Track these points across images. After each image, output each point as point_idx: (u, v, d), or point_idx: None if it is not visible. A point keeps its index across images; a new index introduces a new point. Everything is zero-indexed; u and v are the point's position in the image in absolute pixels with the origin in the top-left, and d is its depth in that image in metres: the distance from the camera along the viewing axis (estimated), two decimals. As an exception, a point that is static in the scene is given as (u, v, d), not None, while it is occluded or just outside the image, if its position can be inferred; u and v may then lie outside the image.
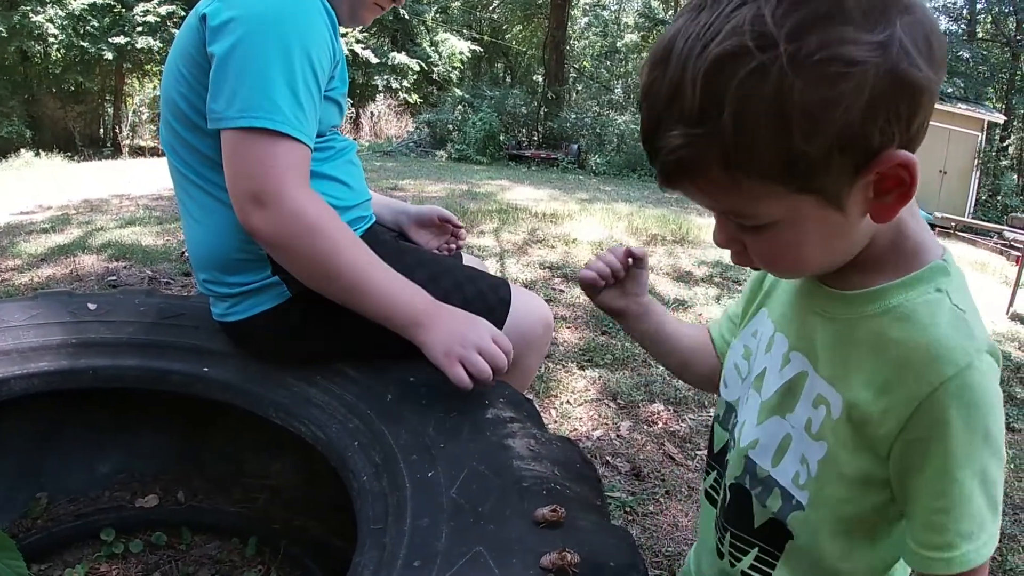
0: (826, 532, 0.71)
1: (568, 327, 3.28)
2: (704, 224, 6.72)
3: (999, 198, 17.75)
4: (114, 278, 3.56)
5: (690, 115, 0.55)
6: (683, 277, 4.38)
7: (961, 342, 0.62)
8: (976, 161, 17.31)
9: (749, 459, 0.78)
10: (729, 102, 0.53)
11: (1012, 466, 2.44)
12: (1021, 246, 7.64)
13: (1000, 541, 2.00)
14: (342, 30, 1.41)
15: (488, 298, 1.42)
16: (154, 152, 17.31)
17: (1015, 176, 19.79)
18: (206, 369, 1.39)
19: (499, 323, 1.40)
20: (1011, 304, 4.94)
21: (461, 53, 23.22)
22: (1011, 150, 21.20)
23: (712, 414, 2.47)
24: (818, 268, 0.68)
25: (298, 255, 1.18)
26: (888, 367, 0.64)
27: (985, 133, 17.65)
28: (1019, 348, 3.88)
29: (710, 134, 0.54)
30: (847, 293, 0.69)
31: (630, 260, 0.96)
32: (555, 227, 5.68)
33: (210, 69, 1.19)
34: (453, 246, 1.83)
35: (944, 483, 0.62)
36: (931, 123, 0.58)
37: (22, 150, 15.51)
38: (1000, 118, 18.38)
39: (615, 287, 0.98)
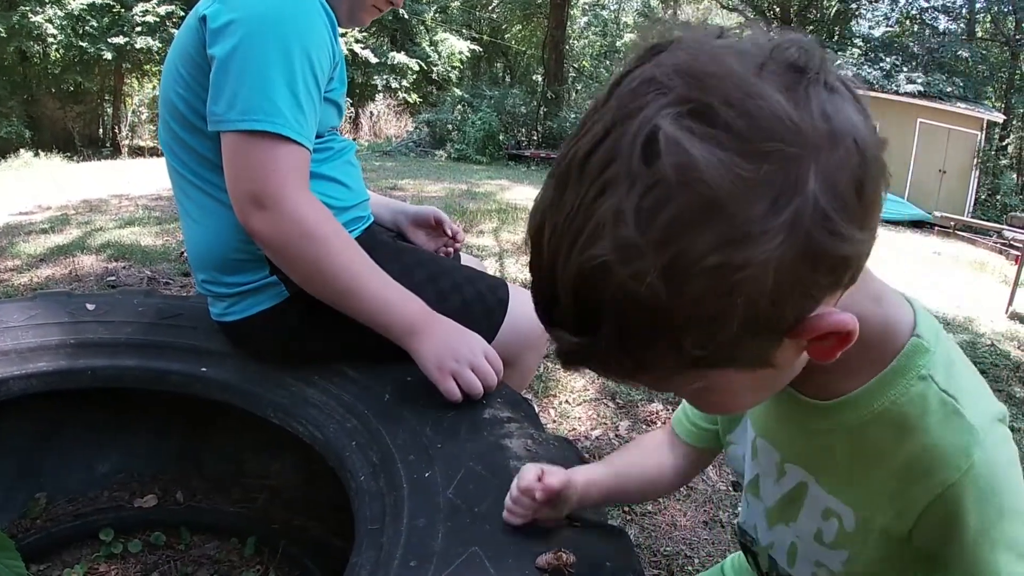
0: None
1: (567, 327, 3.28)
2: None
3: (998, 197, 17.78)
4: (113, 278, 3.56)
5: (570, 324, 0.49)
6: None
7: (958, 441, 0.58)
8: (975, 160, 17.33)
9: (771, 558, 0.78)
10: (605, 316, 0.47)
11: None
12: (1020, 245, 7.63)
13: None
14: (341, 31, 1.41)
15: (487, 299, 1.42)
16: (153, 152, 17.31)
17: (1014, 175, 19.83)
18: (204, 369, 1.39)
19: (497, 324, 1.41)
20: (1010, 303, 4.95)
21: (460, 53, 23.22)
22: (1010, 149, 21.23)
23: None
24: (759, 402, 0.64)
25: (295, 258, 1.19)
26: (892, 478, 0.61)
27: (984, 132, 17.67)
28: (1018, 347, 3.88)
29: (594, 344, 0.48)
30: (821, 404, 0.64)
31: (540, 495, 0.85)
32: (554, 227, 5.67)
33: (210, 71, 1.19)
34: (451, 250, 1.82)
35: (975, 570, 0.59)
36: (931, 123, 0.53)
37: (21, 150, 15.51)
38: (999, 117, 18.40)
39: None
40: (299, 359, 1.38)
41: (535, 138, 18.94)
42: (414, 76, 22.03)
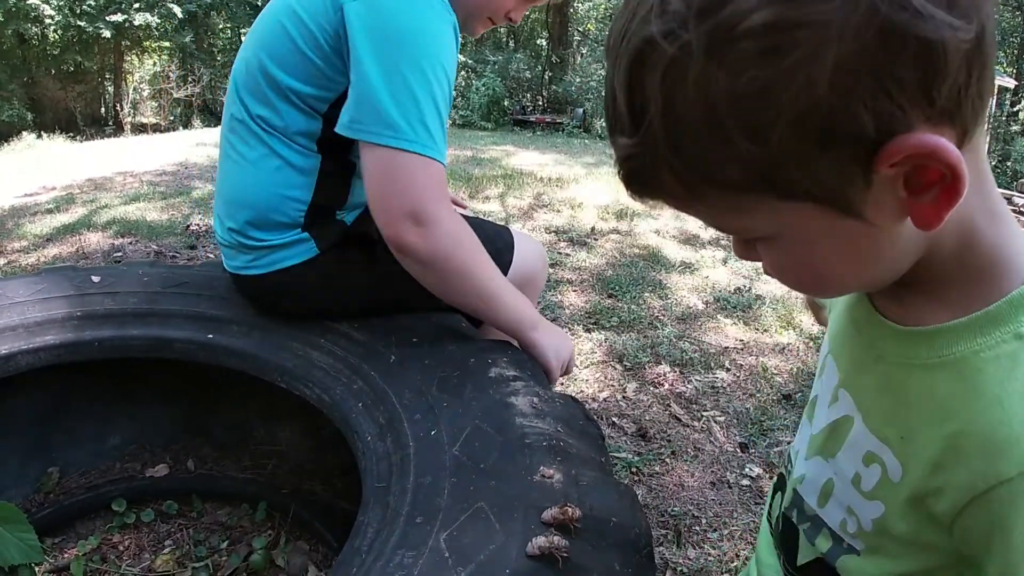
0: None
1: (574, 290, 3.27)
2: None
3: (1009, 164, 17.53)
4: (120, 254, 3.57)
5: (624, 123, 0.46)
6: (690, 240, 4.36)
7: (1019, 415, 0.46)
8: (986, 126, 17.10)
9: (797, 493, 0.68)
10: (652, 106, 0.43)
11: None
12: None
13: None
14: None
15: (496, 242, 1.48)
16: (156, 128, 17.27)
17: (1026, 141, 19.56)
18: (211, 336, 1.39)
19: (508, 263, 1.49)
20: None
21: (462, 19, 22.95)
22: (1022, 115, 20.89)
23: (718, 376, 2.48)
24: (856, 287, 0.55)
25: (449, 271, 1.23)
26: (940, 443, 0.50)
27: (995, 98, 17.38)
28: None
29: (645, 143, 0.45)
30: (899, 328, 0.55)
31: None
32: (561, 191, 5.64)
33: (331, 56, 1.21)
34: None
35: None
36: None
37: (24, 133, 15.50)
38: (1011, 83, 18.10)
39: None
40: (313, 316, 1.40)
41: (540, 103, 18.79)
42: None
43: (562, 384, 2.39)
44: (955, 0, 0.39)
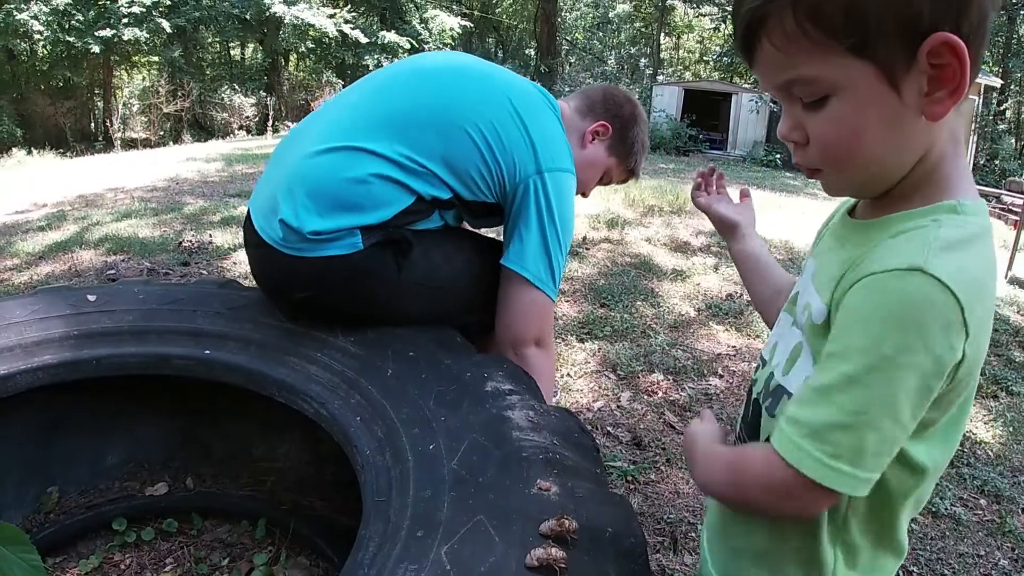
0: None
1: (567, 300, 3.29)
2: (700, 192, 6.68)
3: (997, 162, 17.66)
4: (113, 271, 3.56)
5: None
6: (681, 247, 4.39)
7: (904, 254, 0.60)
8: (973, 125, 17.20)
9: (770, 375, 0.77)
10: None
11: (1011, 429, 2.45)
12: (1019, 210, 7.62)
13: (999, 503, 2.01)
14: (330, 10, 1.47)
15: (485, 253, 1.61)
16: (146, 143, 17.25)
17: (1012, 140, 19.70)
18: (208, 351, 1.40)
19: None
20: (1009, 268, 4.94)
21: (451, 29, 23.03)
22: (1008, 114, 21.05)
23: (711, 383, 2.50)
24: (873, 164, 0.65)
25: (539, 374, 1.44)
26: (843, 270, 0.65)
27: (982, 97, 17.52)
28: (1018, 312, 3.87)
29: None
30: (863, 221, 0.70)
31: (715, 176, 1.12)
32: (551, 202, 5.66)
33: (495, 188, 1.49)
34: None
35: (823, 364, 0.62)
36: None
37: (13, 149, 15.47)
38: (997, 82, 18.24)
39: (728, 203, 1.09)
40: (328, 309, 1.44)
41: (529, 114, 18.82)
42: (405, 55, 21.87)
43: (557, 398, 2.41)
44: None
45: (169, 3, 18.28)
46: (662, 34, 24.79)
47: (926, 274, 0.57)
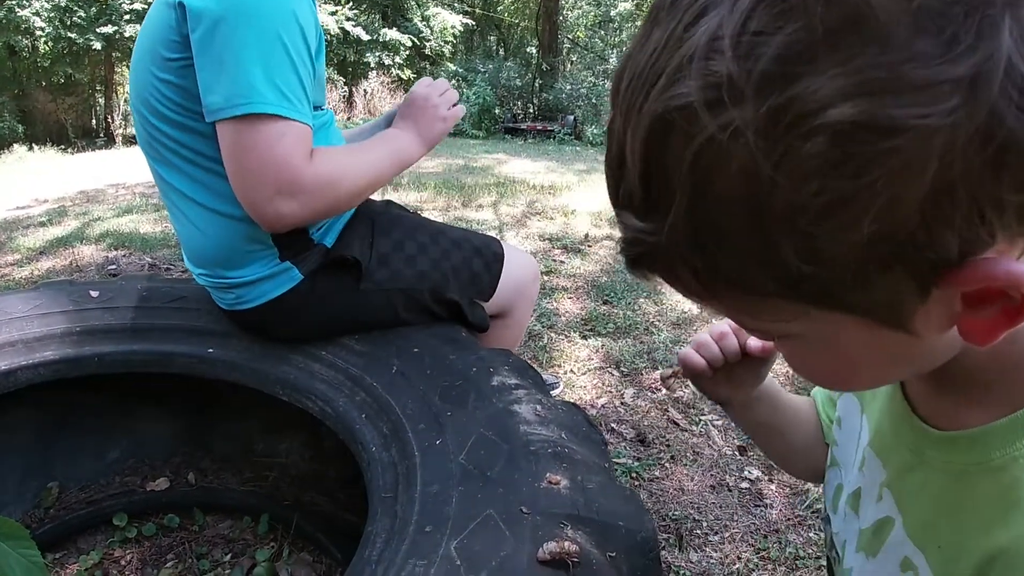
0: None
1: (569, 297, 3.28)
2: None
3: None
4: (114, 267, 3.56)
5: (635, 202, 0.37)
6: (683, 244, 4.38)
7: None
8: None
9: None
10: (677, 194, 0.34)
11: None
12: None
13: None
14: (332, 7, 1.42)
15: (485, 253, 1.50)
16: (148, 141, 17.18)
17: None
18: (211, 350, 1.39)
19: (497, 276, 1.50)
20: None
21: (453, 27, 22.99)
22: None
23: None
24: (877, 385, 0.52)
25: (329, 210, 1.26)
26: (978, 557, 0.44)
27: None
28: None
29: (660, 234, 0.36)
30: (937, 434, 0.50)
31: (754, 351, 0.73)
32: (553, 199, 5.66)
33: (193, 60, 1.13)
34: None
35: None
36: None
37: (15, 145, 15.44)
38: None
39: (721, 372, 0.75)
40: (316, 337, 1.39)
41: (531, 111, 18.81)
42: (407, 52, 21.82)
43: (560, 392, 2.40)
44: None
45: None
46: (664, 32, 24.67)
47: None
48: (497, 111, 17.17)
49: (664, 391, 2.42)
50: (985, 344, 0.37)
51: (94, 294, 1.54)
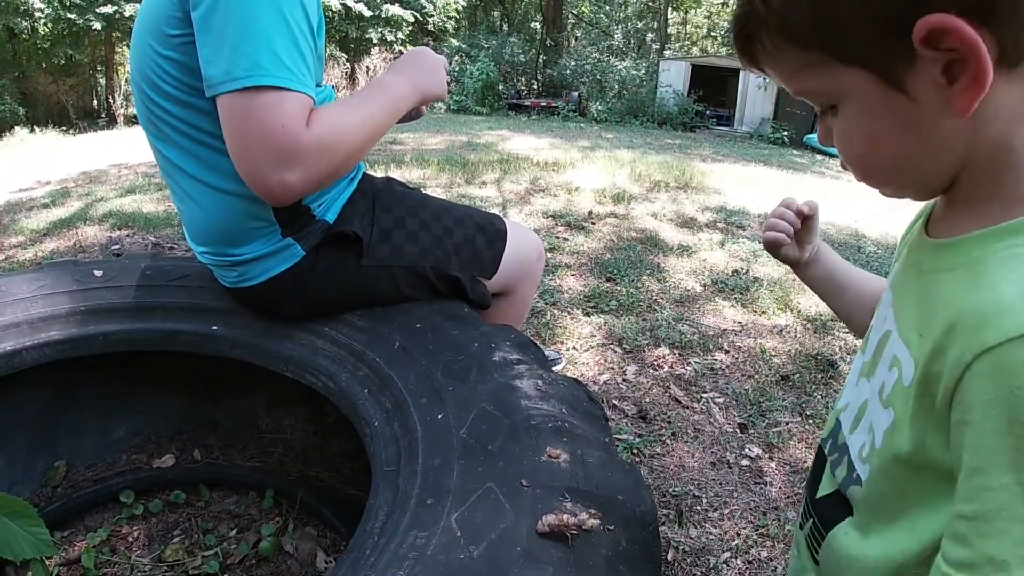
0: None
1: (572, 274, 3.28)
2: (707, 170, 6.67)
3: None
4: (117, 247, 3.57)
5: None
6: (687, 223, 4.36)
7: (1020, 304, 0.46)
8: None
9: (838, 422, 0.70)
10: None
11: None
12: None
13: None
14: None
15: (488, 231, 1.50)
16: (150, 121, 17.13)
17: None
18: (215, 327, 1.40)
19: (500, 253, 1.50)
20: None
21: (456, 2, 22.81)
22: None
23: (717, 358, 2.49)
24: (900, 170, 0.57)
25: (332, 175, 1.19)
26: (941, 327, 0.51)
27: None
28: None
29: (750, 8, 0.55)
30: (936, 241, 0.59)
31: (805, 211, 0.94)
32: (557, 176, 5.64)
33: (193, 34, 1.11)
34: None
35: (972, 484, 0.47)
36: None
37: (16, 128, 15.43)
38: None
39: (792, 242, 0.95)
40: (319, 313, 1.40)
41: (535, 87, 18.73)
42: (409, 28, 21.65)
43: (562, 369, 2.41)
44: None
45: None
46: (669, 8, 24.53)
47: None
48: (501, 87, 17.08)
49: (667, 368, 2.43)
50: (964, 113, 0.49)
51: (98, 274, 1.55)
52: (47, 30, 18.96)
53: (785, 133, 14.58)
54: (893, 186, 0.60)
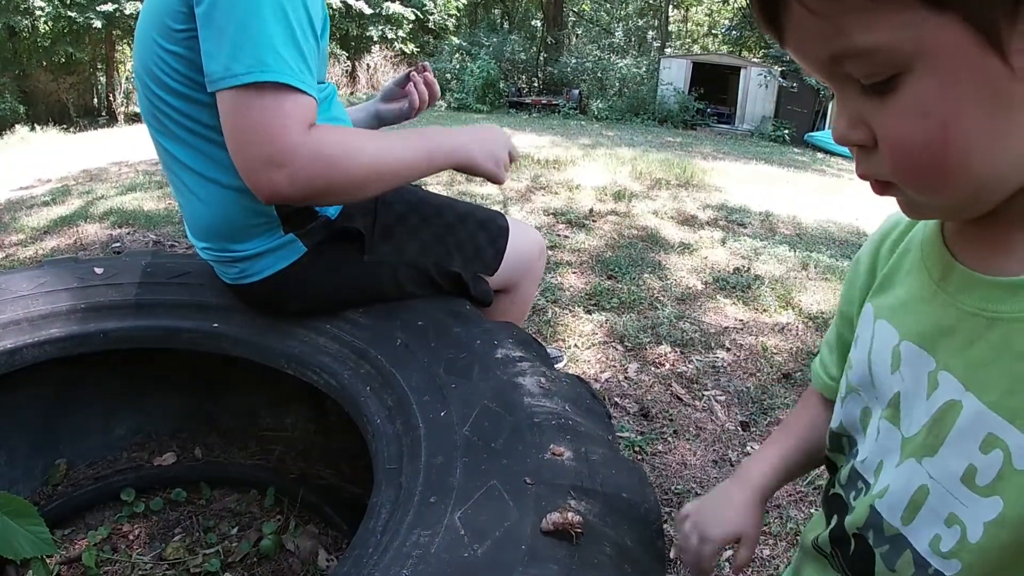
0: None
1: (574, 272, 3.28)
2: (708, 167, 6.66)
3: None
4: (118, 244, 3.56)
5: None
6: (688, 221, 4.36)
7: None
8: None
9: (874, 510, 0.58)
10: None
11: None
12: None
13: None
14: None
15: (490, 227, 1.50)
16: (150, 119, 17.12)
17: None
18: (216, 325, 1.40)
19: (502, 250, 1.49)
20: None
21: (457, 0, 22.80)
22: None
23: (718, 356, 2.49)
24: (974, 173, 0.43)
25: (327, 191, 1.14)
26: None
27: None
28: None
29: None
30: (1004, 281, 0.47)
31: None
32: (558, 173, 5.64)
33: (196, 30, 1.11)
34: (420, 78, 1.67)
35: None
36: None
37: (17, 126, 15.41)
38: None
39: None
40: (320, 310, 1.39)
41: (536, 85, 18.70)
42: (410, 26, 21.65)
43: (564, 366, 2.40)
44: None
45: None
46: (670, 6, 24.50)
47: None
48: (501, 85, 17.06)
49: (668, 366, 2.42)
50: None
51: (98, 271, 1.54)
52: (48, 28, 18.95)
53: (786, 131, 14.55)
54: (948, 198, 0.46)
